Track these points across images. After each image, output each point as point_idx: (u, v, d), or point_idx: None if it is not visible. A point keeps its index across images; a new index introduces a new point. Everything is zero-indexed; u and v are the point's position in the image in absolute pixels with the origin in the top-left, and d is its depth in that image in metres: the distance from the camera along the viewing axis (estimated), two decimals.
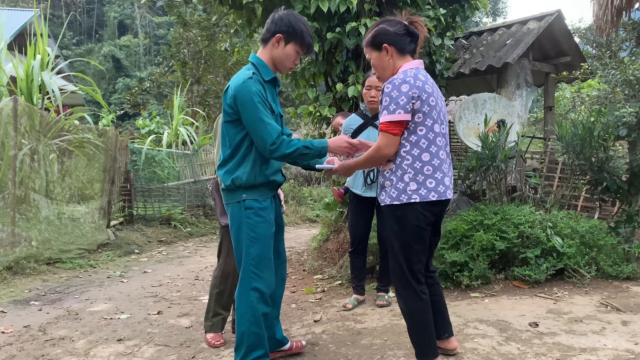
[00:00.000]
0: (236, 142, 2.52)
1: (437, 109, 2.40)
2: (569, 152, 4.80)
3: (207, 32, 14.69)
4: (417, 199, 2.36)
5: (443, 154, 2.42)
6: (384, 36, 2.48)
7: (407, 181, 2.38)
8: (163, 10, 24.60)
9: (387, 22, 2.53)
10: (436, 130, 2.39)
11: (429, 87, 2.38)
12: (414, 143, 2.37)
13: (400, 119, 2.34)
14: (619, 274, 4.26)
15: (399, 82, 2.35)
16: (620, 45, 10.96)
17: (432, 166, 2.37)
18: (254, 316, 2.54)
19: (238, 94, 2.42)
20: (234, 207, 2.57)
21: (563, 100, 12.08)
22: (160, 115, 17.93)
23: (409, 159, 2.38)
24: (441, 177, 2.38)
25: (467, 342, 3.08)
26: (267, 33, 2.56)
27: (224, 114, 2.52)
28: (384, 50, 2.48)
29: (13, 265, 5.45)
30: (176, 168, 10.86)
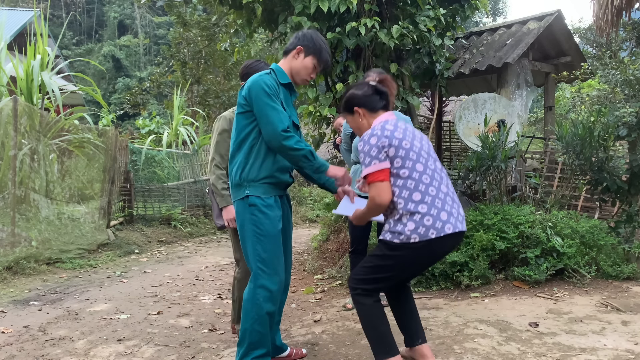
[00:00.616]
0: (244, 134, 2.59)
1: (415, 149, 2.47)
2: (569, 152, 4.80)
3: (207, 32, 14.69)
4: (416, 238, 2.40)
5: (434, 190, 2.44)
6: (353, 100, 2.63)
7: (405, 222, 2.42)
8: (163, 10, 24.61)
9: (355, 87, 2.70)
10: (419, 169, 2.45)
11: (399, 133, 2.47)
12: (402, 186, 2.44)
13: (378, 169, 2.43)
14: (619, 274, 4.26)
15: (367, 137, 2.49)
16: (620, 45, 10.96)
17: (426, 204, 2.41)
18: (259, 314, 2.54)
19: (252, 85, 2.55)
20: (239, 205, 2.61)
21: (563, 100, 12.08)
22: (160, 115, 17.94)
23: (401, 202, 2.43)
24: (437, 213, 2.40)
25: (467, 342, 3.08)
26: (290, 46, 2.73)
27: (238, 106, 2.63)
28: (356, 113, 2.63)
29: (13, 265, 5.45)
30: (176, 168, 10.86)
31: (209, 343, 3.33)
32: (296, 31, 4.99)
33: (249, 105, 2.56)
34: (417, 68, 5.91)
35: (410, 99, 5.45)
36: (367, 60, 5.27)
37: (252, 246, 2.56)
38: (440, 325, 3.42)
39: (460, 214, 2.51)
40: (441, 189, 2.47)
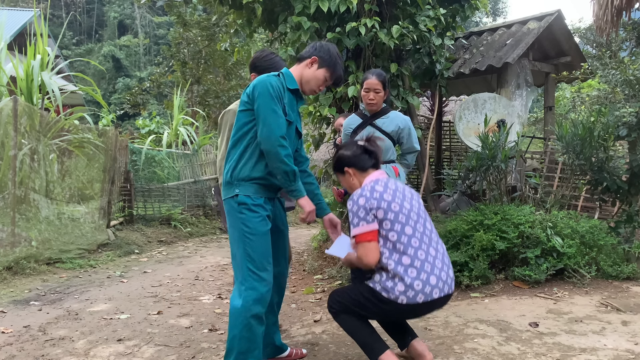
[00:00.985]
0: (242, 132, 2.58)
1: (405, 211, 2.49)
2: (569, 152, 4.80)
3: (207, 32, 14.69)
4: (404, 300, 2.42)
5: (422, 254, 2.45)
6: (343, 160, 2.70)
7: (396, 282, 2.43)
8: (163, 10, 24.61)
9: (344, 147, 2.76)
10: (408, 232, 2.46)
11: (388, 195, 2.50)
12: (391, 249, 2.46)
13: (366, 230, 2.46)
14: (619, 274, 4.26)
15: (356, 197, 2.52)
16: (620, 45, 10.96)
17: (416, 269, 2.42)
18: (247, 319, 2.46)
19: (258, 84, 2.53)
20: (228, 203, 2.57)
21: (563, 100, 12.08)
22: (160, 115, 17.94)
23: (391, 264, 2.44)
24: (426, 278, 2.41)
25: (467, 342, 3.08)
26: (306, 54, 2.73)
27: (240, 103, 2.61)
28: (346, 172, 2.69)
29: (13, 265, 5.45)
30: (176, 168, 10.86)
31: (209, 343, 3.34)
32: (296, 31, 5.02)
33: (251, 103, 2.54)
34: (417, 68, 5.91)
35: (410, 99, 5.45)
36: (367, 60, 5.27)
37: (241, 246, 2.50)
38: (440, 325, 3.42)
39: (450, 276, 2.53)
40: (430, 252, 2.48)
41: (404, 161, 3.87)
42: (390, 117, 3.75)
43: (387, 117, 3.75)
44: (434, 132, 7.53)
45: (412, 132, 3.80)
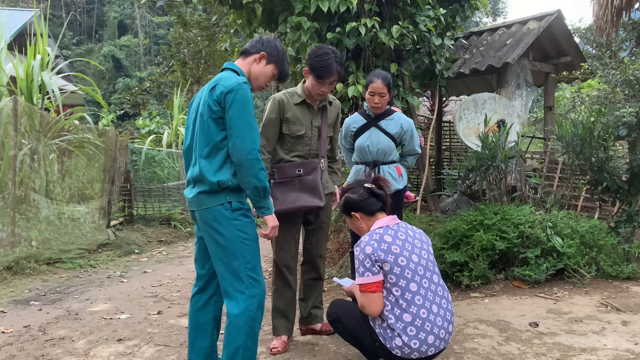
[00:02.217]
0: (217, 141, 2.38)
1: (412, 266, 2.44)
2: (569, 152, 4.80)
3: (207, 32, 14.68)
4: (398, 353, 2.42)
5: (425, 312, 2.42)
6: (350, 205, 2.67)
7: (395, 335, 2.41)
8: (163, 10, 24.60)
9: (351, 190, 2.71)
10: (412, 289, 2.42)
11: (397, 247, 2.45)
12: (394, 303, 2.44)
13: (370, 281, 2.43)
14: (619, 274, 4.26)
15: (364, 245, 2.48)
16: (620, 45, 10.96)
17: (415, 327, 2.40)
18: (252, 328, 2.37)
19: (233, 93, 2.34)
20: (217, 211, 2.37)
21: (563, 100, 12.08)
22: (160, 115, 17.92)
23: (391, 317, 2.43)
24: (424, 337, 2.39)
25: (467, 342, 3.08)
26: (252, 49, 2.59)
27: (208, 109, 2.37)
28: (354, 217, 2.67)
29: (13, 265, 5.45)
30: (176, 168, 10.85)
31: None
32: (296, 31, 5.02)
33: (222, 111, 2.36)
34: (417, 68, 5.91)
35: (410, 99, 5.45)
36: (367, 60, 5.27)
37: (239, 254, 2.36)
38: None
39: (449, 331, 2.50)
40: (432, 310, 2.44)
41: (404, 162, 3.87)
42: (394, 118, 3.74)
43: (391, 118, 3.74)
44: (434, 132, 7.54)
45: (415, 135, 3.79)
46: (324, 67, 3.02)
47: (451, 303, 2.59)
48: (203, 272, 2.57)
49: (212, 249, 2.42)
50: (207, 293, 2.56)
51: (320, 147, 3.22)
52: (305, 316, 3.35)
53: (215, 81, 2.43)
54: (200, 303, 2.56)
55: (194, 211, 2.47)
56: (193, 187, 2.44)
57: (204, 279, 2.57)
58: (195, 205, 2.43)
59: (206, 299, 2.56)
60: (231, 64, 2.57)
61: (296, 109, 3.16)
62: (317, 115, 3.22)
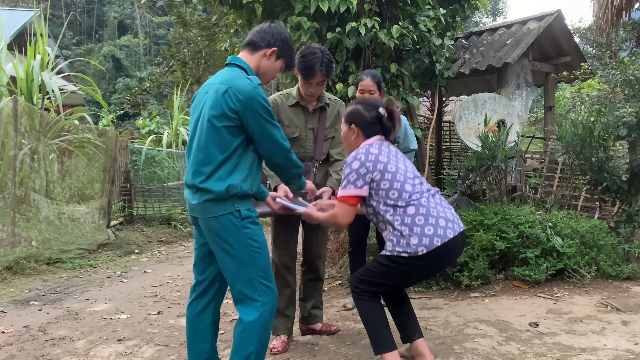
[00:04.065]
0: (233, 148, 2.30)
1: (401, 171, 2.51)
2: (569, 152, 4.80)
3: (207, 32, 14.67)
4: (423, 250, 2.40)
5: (426, 202, 2.49)
6: (355, 117, 2.64)
7: (408, 237, 2.42)
8: (163, 10, 24.59)
9: (365, 104, 2.66)
10: (408, 189, 2.48)
11: (384, 156, 2.51)
12: (394, 206, 2.47)
13: (352, 194, 2.49)
14: (619, 274, 4.26)
15: (350, 160, 2.53)
16: (620, 45, 10.96)
17: (422, 215, 2.44)
18: (264, 335, 2.32)
19: (251, 100, 2.26)
20: (226, 220, 2.28)
21: (563, 100, 12.09)
22: (160, 115, 17.93)
23: (397, 219, 2.45)
24: (436, 221, 2.44)
25: (467, 342, 3.08)
26: (262, 42, 2.44)
27: (222, 117, 2.26)
28: (352, 129, 2.65)
29: (13, 265, 5.45)
30: (176, 168, 10.85)
31: None
32: (296, 31, 5.01)
33: (239, 119, 2.27)
34: (417, 68, 5.91)
35: (410, 99, 5.45)
36: (367, 60, 5.27)
37: (251, 262, 2.30)
38: (440, 325, 3.42)
39: (456, 215, 2.55)
40: (431, 203, 2.50)
41: None
42: None
43: None
44: (434, 132, 7.53)
45: (409, 132, 3.81)
46: (307, 68, 2.98)
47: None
48: (202, 278, 2.50)
49: (220, 258, 2.34)
50: (205, 298, 2.49)
51: (315, 150, 3.20)
52: (306, 316, 3.36)
53: (225, 84, 2.29)
54: (198, 308, 2.49)
55: (197, 218, 2.37)
56: (195, 192, 2.33)
57: (203, 285, 2.49)
58: (199, 212, 2.33)
59: (204, 304, 2.49)
60: (237, 59, 2.44)
61: (290, 110, 3.15)
62: (312, 117, 3.19)
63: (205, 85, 2.43)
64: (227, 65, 2.46)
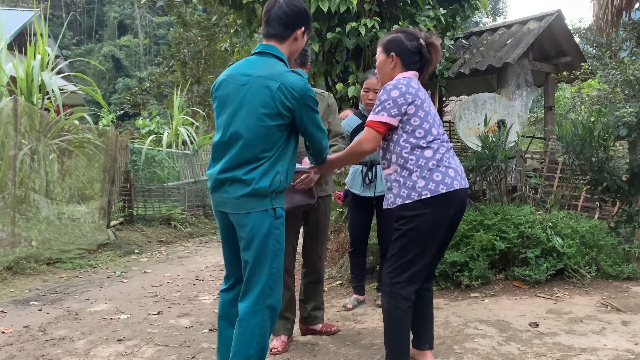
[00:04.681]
0: (279, 144, 2.29)
1: (432, 114, 2.51)
2: (569, 152, 4.80)
3: (207, 32, 14.70)
4: (427, 194, 2.41)
5: (443, 149, 2.49)
6: (396, 45, 2.57)
7: (415, 179, 2.43)
8: (163, 10, 24.60)
9: (406, 33, 2.59)
10: (434, 132, 2.48)
11: (423, 94, 2.50)
12: (414, 144, 2.46)
13: (383, 121, 2.45)
14: (619, 274, 4.26)
15: (389, 88, 2.48)
16: (620, 45, 10.96)
17: (436, 160, 2.44)
18: (264, 339, 2.28)
19: (306, 97, 2.28)
20: (261, 217, 2.25)
21: (563, 100, 12.09)
22: (160, 115, 17.91)
23: (412, 158, 2.45)
24: (445, 170, 2.44)
25: (467, 342, 3.08)
26: (288, 28, 2.36)
27: (275, 116, 2.24)
28: (390, 57, 2.57)
29: (13, 265, 5.45)
30: (176, 168, 10.85)
31: (209, 343, 3.33)
32: None
33: (292, 116, 2.28)
34: None
35: None
36: (367, 60, 5.27)
37: (269, 263, 2.27)
38: (440, 325, 3.42)
39: (463, 171, 2.55)
40: (448, 153, 2.51)
41: None
42: None
43: None
44: None
45: None
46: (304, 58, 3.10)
47: None
48: (231, 273, 2.49)
49: (244, 254, 2.31)
50: (235, 290, 2.47)
51: None
52: (306, 317, 3.36)
53: (275, 79, 2.25)
54: (229, 297, 2.49)
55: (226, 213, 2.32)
56: (230, 186, 2.27)
57: (233, 278, 2.49)
58: (232, 207, 2.27)
59: (235, 294, 2.47)
60: (273, 49, 2.35)
61: None
62: None
63: (236, 75, 2.33)
64: (259, 54, 2.36)
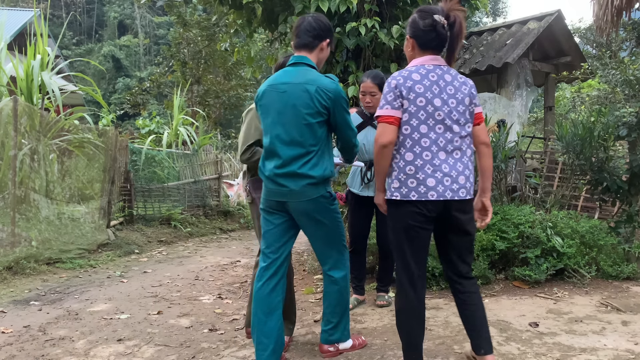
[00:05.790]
0: (322, 138, 2.70)
1: (429, 109, 2.37)
2: (569, 152, 4.81)
3: (207, 32, 14.69)
4: (397, 197, 2.39)
5: (428, 155, 2.36)
6: (410, 27, 2.50)
7: (393, 179, 2.43)
8: (163, 10, 24.60)
9: (421, 11, 2.47)
10: (422, 131, 2.37)
11: (421, 86, 2.37)
12: (401, 142, 2.41)
13: (388, 114, 2.41)
14: (619, 274, 4.26)
15: (391, 79, 2.44)
16: (620, 45, 10.96)
17: (415, 166, 2.37)
18: (348, 290, 2.95)
19: (339, 98, 2.66)
20: (319, 201, 2.70)
21: (563, 100, 12.09)
22: (160, 115, 17.91)
23: (397, 157, 2.43)
24: (423, 178, 2.35)
25: (467, 342, 3.07)
26: (316, 39, 2.75)
27: (316, 114, 2.63)
28: (407, 40, 2.52)
29: (13, 265, 5.45)
30: (176, 168, 10.85)
31: (209, 343, 3.34)
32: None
33: (328, 114, 2.66)
34: None
35: None
36: (367, 60, 5.27)
37: (338, 233, 2.82)
38: (440, 325, 3.42)
39: (459, 183, 2.38)
40: (439, 155, 2.37)
41: None
42: None
43: None
44: None
45: None
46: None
47: (470, 160, 2.47)
48: (276, 256, 2.77)
49: (312, 233, 2.80)
50: (277, 277, 2.76)
51: None
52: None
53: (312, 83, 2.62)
54: (270, 287, 2.73)
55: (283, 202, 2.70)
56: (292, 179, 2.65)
57: (275, 265, 2.76)
58: (297, 196, 2.67)
59: (275, 282, 2.75)
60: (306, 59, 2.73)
61: None
62: None
63: (277, 84, 2.72)
64: (294, 65, 2.74)
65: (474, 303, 2.53)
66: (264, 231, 2.80)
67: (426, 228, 2.43)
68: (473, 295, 2.54)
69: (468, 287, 2.55)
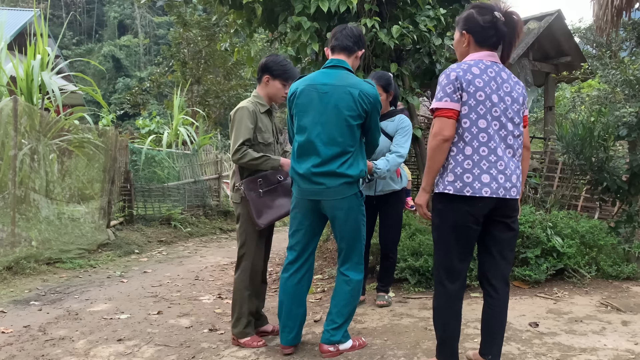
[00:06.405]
0: (358, 140, 2.85)
1: (487, 104, 2.33)
2: (569, 152, 4.81)
3: (207, 32, 14.70)
4: (450, 190, 2.33)
5: (485, 151, 2.32)
6: (468, 22, 2.43)
7: (448, 172, 2.35)
8: (163, 10, 24.61)
9: (479, 8, 2.42)
10: (481, 125, 2.32)
11: (481, 81, 2.33)
12: (460, 135, 2.35)
13: (446, 107, 2.32)
14: (619, 274, 4.26)
15: (449, 71, 2.36)
16: (620, 45, 10.96)
17: (472, 161, 2.32)
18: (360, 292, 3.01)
19: (377, 103, 2.84)
20: (351, 199, 2.83)
21: (563, 100, 12.09)
22: (160, 115, 17.92)
23: (453, 150, 2.36)
24: (478, 174, 2.31)
25: (467, 342, 3.08)
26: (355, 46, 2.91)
27: (357, 117, 2.78)
28: (463, 36, 2.46)
29: (13, 265, 5.45)
30: (176, 168, 10.85)
31: (209, 343, 3.34)
32: (296, 31, 5.02)
33: (366, 117, 2.81)
34: (417, 68, 5.90)
35: (410, 99, 5.45)
36: (367, 60, 5.27)
37: (360, 235, 2.91)
38: None
39: (511, 181, 2.36)
40: (496, 152, 2.33)
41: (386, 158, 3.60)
42: (395, 120, 3.72)
43: (392, 120, 3.72)
44: None
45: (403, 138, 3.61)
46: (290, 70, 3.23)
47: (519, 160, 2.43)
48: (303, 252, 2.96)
49: (341, 229, 2.88)
50: (303, 269, 2.97)
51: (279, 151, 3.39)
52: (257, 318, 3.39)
53: (355, 87, 2.78)
54: (297, 278, 2.95)
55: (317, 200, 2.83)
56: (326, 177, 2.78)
57: (303, 258, 2.96)
58: (332, 194, 2.79)
59: (302, 274, 2.96)
60: (345, 63, 2.88)
61: (264, 117, 3.23)
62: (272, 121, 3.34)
63: (316, 84, 2.83)
64: (333, 67, 2.87)
65: (499, 310, 2.51)
66: (294, 229, 2.95)
67: (475, 228, 2.39)
68: (502, 303, 2.51)
69: (502, 293, 2.50)
